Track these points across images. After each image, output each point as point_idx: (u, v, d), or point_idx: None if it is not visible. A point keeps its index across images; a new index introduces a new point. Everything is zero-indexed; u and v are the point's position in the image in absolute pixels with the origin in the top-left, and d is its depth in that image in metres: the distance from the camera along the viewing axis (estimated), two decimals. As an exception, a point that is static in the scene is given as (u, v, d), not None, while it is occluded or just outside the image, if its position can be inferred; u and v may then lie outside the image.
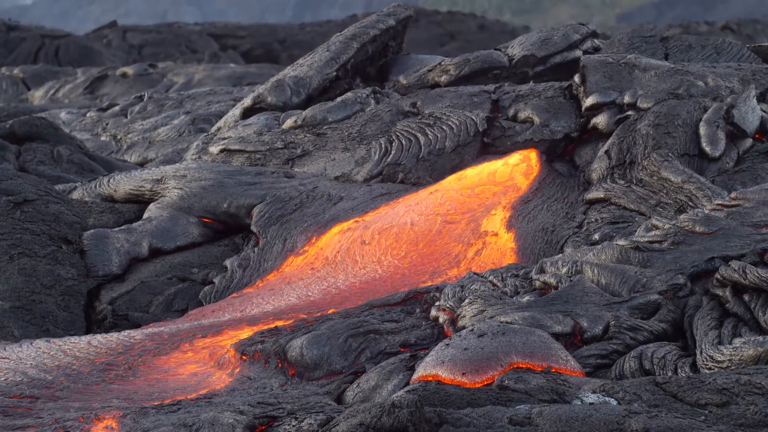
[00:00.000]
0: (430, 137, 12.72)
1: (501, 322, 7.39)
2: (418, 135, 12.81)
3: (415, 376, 6.86)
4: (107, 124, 19.76)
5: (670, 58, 14.61)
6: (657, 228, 8.90)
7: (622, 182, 11.27)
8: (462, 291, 8.36)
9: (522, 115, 12.91)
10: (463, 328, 7.69)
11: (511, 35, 50.89)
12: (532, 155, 12.40)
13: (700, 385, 6.06)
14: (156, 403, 6.88)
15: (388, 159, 12.65)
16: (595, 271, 8.15)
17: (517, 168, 12.26)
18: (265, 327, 8.50)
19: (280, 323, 8.56)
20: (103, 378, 7.56)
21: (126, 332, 8.64)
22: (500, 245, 10.88)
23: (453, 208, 11.52)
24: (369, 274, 10.53)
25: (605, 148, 11.80)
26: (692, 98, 12.06)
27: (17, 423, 6.57)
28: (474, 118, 12.85)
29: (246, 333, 8.44)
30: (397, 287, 9.90)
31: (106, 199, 12.55)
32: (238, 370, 7.77)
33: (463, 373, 6.65)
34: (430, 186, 12.14)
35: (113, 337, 8.40)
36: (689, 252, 8.33)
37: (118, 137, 18.96)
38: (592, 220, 10.96)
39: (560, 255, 9.24)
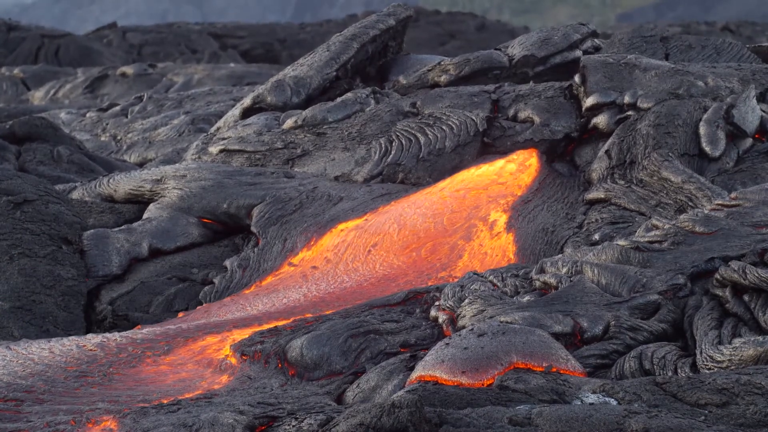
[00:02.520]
0: (430, 137, 12.72)
1: (501, 322, 7.38)
2: (418, 135, 12.80)
3: (413, 375, 6.86)
4: (107, 124, 19.77)
5: (671, 58, 14.60)
6: (657, 228, 8.90)
7: (623, 182, 11.27)
8: (462, 291, 8.36)
9: (522, 115, 12.91)
10: (463, 327, 7.68)
11: (510, 35, 50.90)
12: (532, 155, 12.40)
13: (700, 385, 6.05)
14: (156, 403, 6.88)
15: (388, 159, 12.64)
16: (595, 271, 8.15)
17: (516, 168, 12.25)
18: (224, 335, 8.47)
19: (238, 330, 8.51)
20: (81, 383, 7.51)
21: (77, 338, 8.51)
22: (500, 245, 10.87)
23: (452, 208, 11.52)
24: (369, 274, 10.52)
25: (605, 148, 11.80)
26: (692, 98, 12.06)
27: (8, 427, 6.54)
28: (474, 118, 12.85)
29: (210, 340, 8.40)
30: (398, 287, 9.89)
31: (106, 199, 12.55)
32: (237, 372, 7.76)
33: (463, 372, 6.65)
34: (429, 186, 12.14)
35: (72, 345, 8.30)
36: (689, 252, 8.33)
37: (118, 137, 18.97)
38: (592, 220, 10.96)
39: (560, 255, 9.24)
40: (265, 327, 8.53)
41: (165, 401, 6.96)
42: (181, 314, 10.36)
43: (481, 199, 11.70)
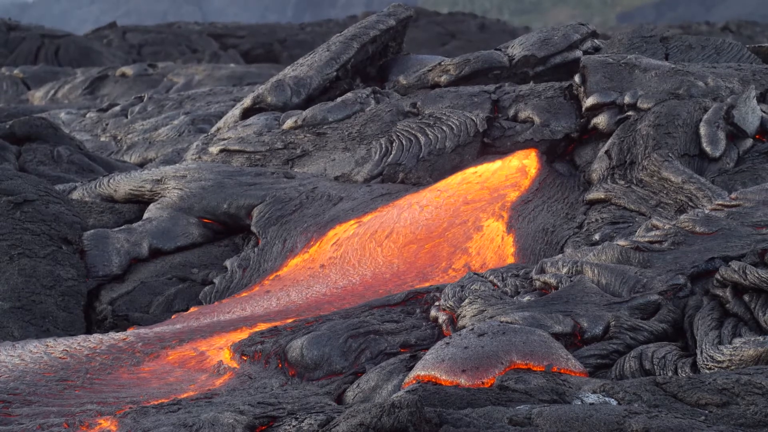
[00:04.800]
0: (431, 137, 12.72)
1: (501, 322, 7.38)
2: (419, 135, 12.80)
3: (412, 374, 6.85)
4: (107, 125, 19.77)
5: (671, 59, 14.60)
6: (657, 228, 8.90)
7: (623, 182, 11.27)
8: (462, 291, 8.36)
9: (522, 115, 12.91)
10: (463, 327, 7.68)
11: (511, 35, 50.93)
12: (533, 155, 12.40)
13: (700, 385, 6.05)
14: (156, 402, 6.87)
15: (389, 159, 12.65)
16: (596, 271, 8.15)
17: (517, 168, 12.25)
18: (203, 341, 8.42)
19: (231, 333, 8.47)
20: (63, 386, 7.47)
21: (41, 345, 8.44)
22: (500, 245, 10.87)
23: (452, 208, 11.52)
24: (369, 274, 10.52)
25: (605, 148, 11.80)
26: (692, 98, 12.06)
27: (1, 429, 6.52)
28: (474, 118, 12.85)
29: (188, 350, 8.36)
30: (397, 288, 9.89)
31: (106, 199, 12.55)
32: (237, 371, 7.75)
33: (463, 371, 6.65)
34: (430, 186, 12.14)
35: (40, 352, 8.22)
36: (689, 252, 8.33)
37: (118, 137, 18.96)
38: (593, 220, 10.96)
39: (560, 255, 9.24)
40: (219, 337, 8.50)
41: (165, 401, 6.95)
42: (174, 316, 10.34)
43: (481, 199, 11.70)
